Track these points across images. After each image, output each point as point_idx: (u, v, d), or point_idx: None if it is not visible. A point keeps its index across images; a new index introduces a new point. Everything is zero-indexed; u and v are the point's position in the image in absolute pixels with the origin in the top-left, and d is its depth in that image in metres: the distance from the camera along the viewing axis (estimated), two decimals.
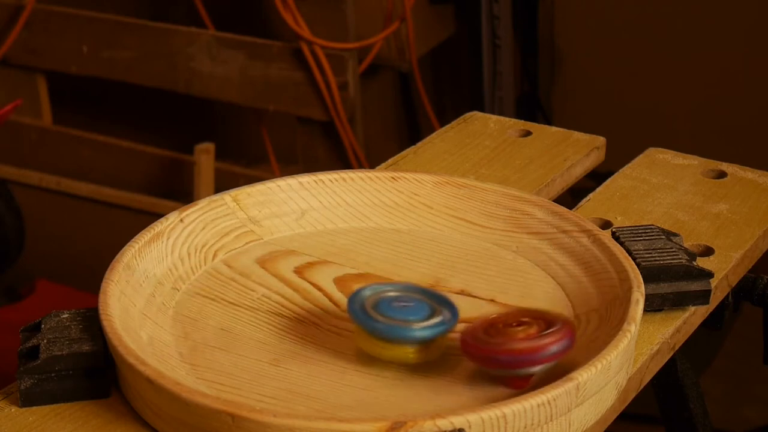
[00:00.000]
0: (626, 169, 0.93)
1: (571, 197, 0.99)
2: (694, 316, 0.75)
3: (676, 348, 0.74)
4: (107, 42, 2.01)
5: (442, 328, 0.66)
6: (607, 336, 0.66)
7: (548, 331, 0.62)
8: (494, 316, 0.65)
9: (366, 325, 0.66)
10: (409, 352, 0.66)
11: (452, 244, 0.80)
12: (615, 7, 2.18)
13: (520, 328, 0.63)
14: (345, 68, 1.82)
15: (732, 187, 0.90)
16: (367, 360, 0.67)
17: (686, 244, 0.80)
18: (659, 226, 0.79)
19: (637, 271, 0.71)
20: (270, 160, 2.06)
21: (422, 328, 0.65)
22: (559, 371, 0.65)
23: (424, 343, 0.66)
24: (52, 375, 0.64)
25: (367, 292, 0.68)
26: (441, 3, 2.12)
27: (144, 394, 0.62)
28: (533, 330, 0.62)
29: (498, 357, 0.61)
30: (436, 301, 0.68)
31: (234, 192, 0.81)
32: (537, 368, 0.62)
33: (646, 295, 0.71)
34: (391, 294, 0.68)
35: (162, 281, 0.74)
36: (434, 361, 0.67)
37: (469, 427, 0.57)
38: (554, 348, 0.61)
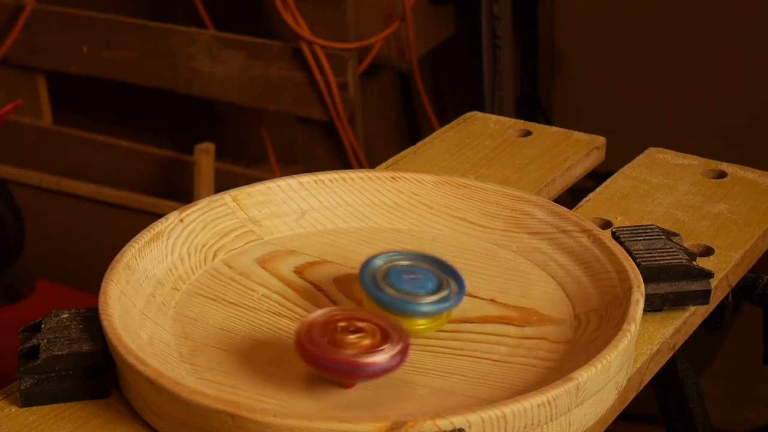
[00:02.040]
0: (626, 169, 0.93)
1: (571, 197, 0.99)
2: (694, 316, 0.75)
3: (676, 348, 0.74)
4: (107, 42, 2.01)
5: (447, 305, 0.68)
6: (607, 336, 0.66)
7: (381, 347, 0.62)
8: (337, 313, 0.65)
9: (376, 297, 0.68)
10: (417, 324, 0.68)
11: (452, 244, 0.80)
12: (615, 7, 2.18)
13: (354, 336, 0.63)
14: (345, 68, 1.82)
15: (732, 187, 0.90)
16: None
17: (686, 244, 0.80)
18: (659, 226, 0.79)
19: (637, 271, 0.71)
20: (270, 160, 2.06)
21: (429, 304, 0.67)
22: (559, 371, 0.65)
23: (430, 317, 0.68)
24: (52, 375, 0.64)
25: (378, 262, 0.70)
26: (441, 3, 2.12)
27: (144, 394, 0.62)
28: (367, 341, 0.63)
29: (324, 363, 0.62)
30: (444, 272, 0.70)
31: (234, 192, 0.81)
32: (359, 381, 0.64)
33: (646, 295, 0.71)
34: (403, 263, 0.70)
35: (162, 281, 0.74)
36: (434, 360, 0.67)
37: (469, 427, 0.57)
38: (376, 368, 0.62)
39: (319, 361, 0.62)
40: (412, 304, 0.67)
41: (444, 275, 0.70)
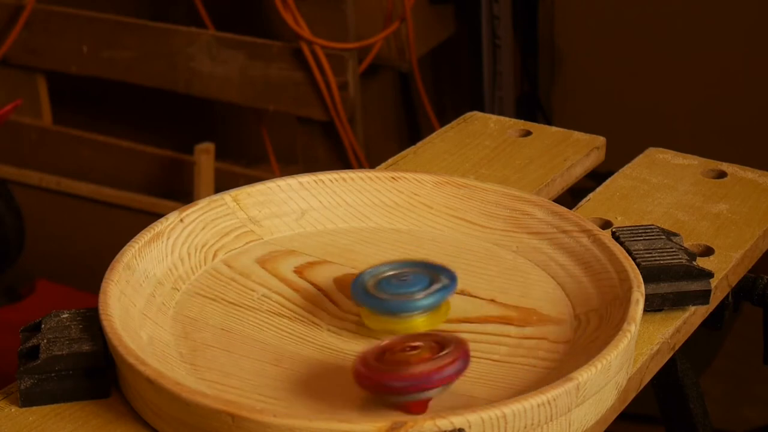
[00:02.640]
0: (626, 169, 0.93)
1: (571, 197, 0.99)
2: (694, 316, 0.75)
3: (676, 348, 0.74)
4: (107, 42, 2.01)
5: (444, 293, 0.68)
6: (607, 336, 0.66)
7: (442, 353, 0.61)
8: (386, 342, 0.63)
9: (373, 306, 0.68)
10: (418, 322, 0.68)
11: (452, 244, 0.80)
12: (615, 7, 2.18)
13: (413, 353, 0.62)
14: (345, 68, 1.82)
15: (732, 187, 0.90)
16: None
17: (686, 244, 0.80)
18: (659, 226, 0.79)
19: (637, 271, 0.71)
20: (270, 160, 2.06)
21: (426, 297, 0.68)
22: (559, 371, 0.65)
23: (431, 310, 0.68)
24: (52, 375, 0.64)
25: (366, 277, 0.70)
26: (441, 3, 2.12)
27: (144, 394, 0.62)
28: (426, 353, 0.61)
29: (391, 383, 0.60)
30: (432, 270, 0.70)
31: (234, 192, 0.81)
32: (433, 391, 0.61)
33: (646, 295, 0.71)
34: (390, 273, 0.70)
35: (162, 281, 0.74)
36: None
37: (469, 427, 0.57)
38: (448, 370, 0.60)
39: (387, 384, 0.59)
40: (409, 301, 0.68)
41: (432, 272, 0.70)
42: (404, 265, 0.71)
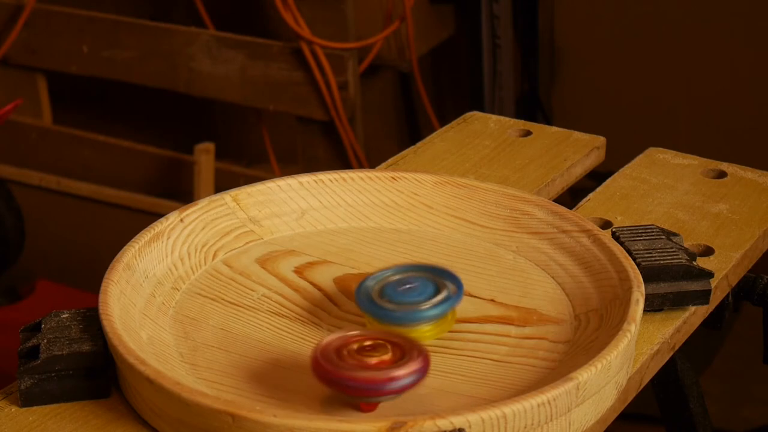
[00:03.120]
0: (626, 169, 0.93)
1: (571, 197, 0.99)
2: (694, 316, 0.75)
3: (676, 348, 0.74)
4: (107, 42, 2.01)
5: (450, 304, 0.67)
6: (607, 336, 0.66)
7: (400, 360, 0.61)
8: (352, 333, 0.63)
9: (378, 316, 0.67)
10: (424, 331, 0.67)
11: (452, 244, 0.80)
12: (615, 7, 2.18)
13: (373, 354, 0.61)
14: (345, 68, 1.82)
15: (732, 187, 0.90)
16: None
17: (686, 244, 0.80)
18: (659, 226, 0.79)
19: (637, 271, 0.71)
20: (270, 160, 2.06)
21: (432, 307, 0.67)
22: (559, 371, 0.65)
23: (437, 320, 0.67)
24: (52, 375, 0.64)
25: (370, 282, 0.69)
26: (441, 3, 2.12)
27: (144, 394, 0.62)
28: (387, 357, 0.61)
29: (346, 383, 0.60)
30: (438, 275, 0.69)
31: (234, 192, 0.81)
32: (384, 398, 0.61)
33: (646, 295, 0.71)
34: (395, 278, 0.69)
35: (162, 281, 0.74)
36: (434, 360, 0.67)
37: (469, 427, 0.57)
38: (402, 381, 0.60)
39: (338, 381, 0.60)
40: (415, 312, 0.67)
41: (438, 278, 0.69)
42: (409, 269, 0.70)
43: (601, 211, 0.86)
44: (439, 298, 0.67)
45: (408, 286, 0.68)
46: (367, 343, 0.62)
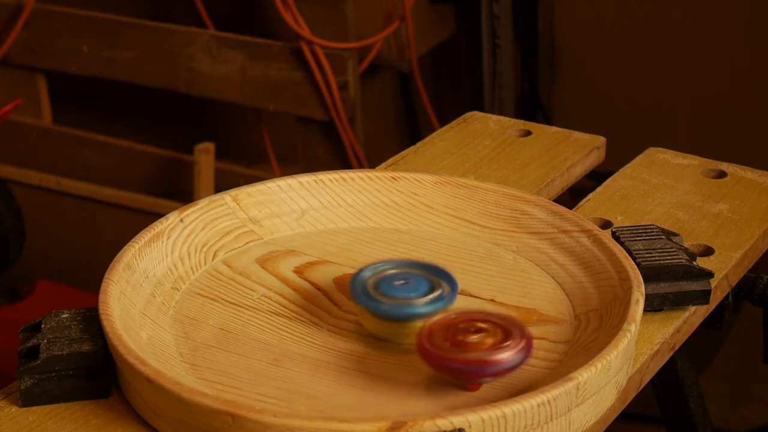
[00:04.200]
0: (626, 169, 0.93)
1: (571, 197, 0.99)
2: (694, 316, 0.75)
3: (676, 348, 0.74)
4: (107, 42, 2.01)
5: (443, 303, 0.67)
6: (607, 336, 0.66)
7: (505, 343, 0.62)
8: (454, 316, 0.65)
9: (371, 308, 0.67)
10: (415, 328, 0.67)
11: (452, 244, 0.80)
12: (615, 7, 2.18)
13: (477, 336, 0.63)
14: (345, 68, 1.82)
15: (732, 187, 0.90)
16: (367, 360, 0.67)
17: (686, 244, 0.80)
18: (659, 226, 0.79)
19: (637, 271, 0.71)
20: (270, 160, 2.06)
21: (425, 305, 0.67)
22: (559, 371, 0.65)
23: (428, 317, 0.67)
24: (52, 375, 0.64)
25: (367, 273, 0.69)
26: (441, 3, 2.12)
27: (144, 394, 0.62)
28: (491, 340, 0.63)
29: (451, 365, 0.62)
30: (434, 274, 0.69)
31: (234, 192, 0.81)
32: (488, 380, 0.63)
33: (646, 295, 0.71)
34: (391, 272, 0.70)
35: (162, 281, 0.74)
36: None
37: (469, 427, 0.57)
38: (507, 364, 0.62)
39: (444, 364, 0.62)
40: (408, 307, 0.67)
41: (433, 276, 0.69)
42: (406, 265, 0.71)
43: (601, 211, 0.86)
44: (432, 296, 0.68)
45: (403, 281, 0.68)
46: (471, 325, 0.64)
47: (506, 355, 0.62)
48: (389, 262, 0.71)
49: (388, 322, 0.68)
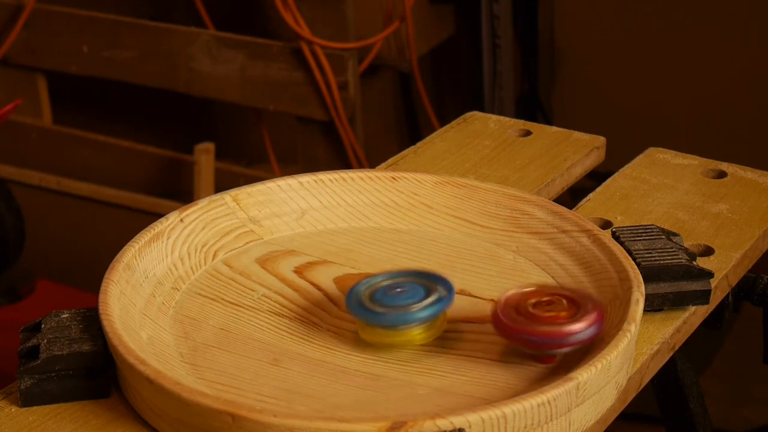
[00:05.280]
0: (626, 169, 0.93)
1: (571, 197, 0.99)
2: (694, 316, 0.75)
3: (676, 348, 0.74)
4: (107, 42, 2.01)
5: (441, 306, 0.67)
6: (607, 336, 0.66)
7: (577, 315, 0.65)
8: (527, 290, 0.67)
9: (368, 319, 0.67)
10: (415, 334, 0.67)
11: (452, 244, 0.80)
12: (615, 7, 2.18)
13: (550, 309, 0.65)
14: (345, 68, 1.83)
15: (732, 187, 0.90)
16: (367, 360, 0.67)
17: (686, 244, 0.80)
18: (659, 226, 0.79)
19: (637, 271, 0.71)
20: (270, 160, 2.06)
21: (423, 309, 0.67)
22: (559, 371, 0.65)
23: (428, 322, 0.67)
24: (52, 375, 0.64)
25: (361, 288, 0.69)
26: (441, 3, 2.12)
27: (144, 394, 0.62)
28: (564, 312, 0.65)
29: (527, 338, 0.64)
30: (428, 280, 0.69)
31: (234, 192, 0.81)
32: (564, 350, 0.65)
33: (646, 295, 0.71)
34: (385, 283, 0.69)
35: (162, 281, 0.74)
36: (434, 360, 0.67)
37: (469, 427, 0.57)
38: (581, 335, 0.64)
39: (522, 337, 0.64)
40: (406, 314, 0.67)
41: (428, 282, 0.69)
42: (399, 275, 0.70)
43: (601, 211, 0.86)
44: (430, 300, 0.67)
45: (398, 290, 0.68)
46: (544, 298, 0.66)
47: (582, 325, 0.64)
48: (382, 275, 0.70)
49: (387, 331, 0.67)
